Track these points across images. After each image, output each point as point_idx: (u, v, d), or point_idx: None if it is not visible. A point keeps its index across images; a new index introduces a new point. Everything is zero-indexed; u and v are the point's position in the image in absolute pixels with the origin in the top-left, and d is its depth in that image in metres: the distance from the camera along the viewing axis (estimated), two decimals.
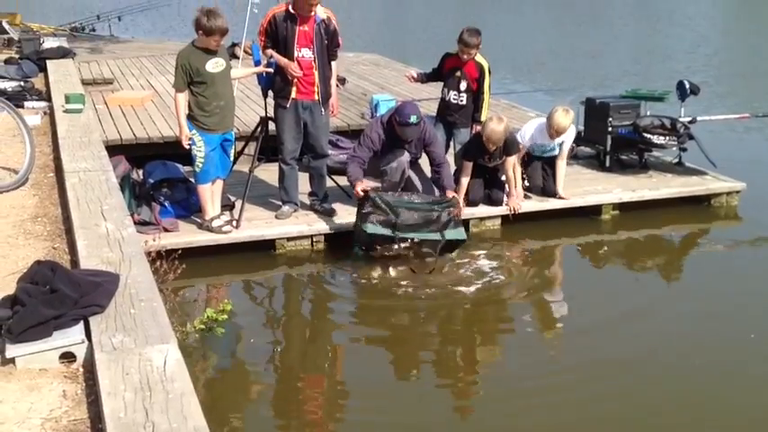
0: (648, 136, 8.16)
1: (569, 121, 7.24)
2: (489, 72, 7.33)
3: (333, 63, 6.86)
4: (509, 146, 7.06)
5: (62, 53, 12.83)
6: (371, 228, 6.31)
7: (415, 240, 6.62)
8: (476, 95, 7.34)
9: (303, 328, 5.79)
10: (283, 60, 6.59)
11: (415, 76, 7.78)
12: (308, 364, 5.33)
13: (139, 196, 6.88)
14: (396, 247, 6.60)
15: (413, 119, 6.63)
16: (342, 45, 6.96)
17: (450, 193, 6.70)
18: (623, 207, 7.75)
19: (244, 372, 5.15)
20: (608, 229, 7.54)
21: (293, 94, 6.66)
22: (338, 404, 4.92)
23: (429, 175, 7.06)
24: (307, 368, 5.29)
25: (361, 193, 6.40)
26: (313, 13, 6.51)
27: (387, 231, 6.34)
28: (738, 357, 5.27)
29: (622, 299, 6.19)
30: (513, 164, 7.20)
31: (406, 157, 6.85)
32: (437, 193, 6.89)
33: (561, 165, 7.53)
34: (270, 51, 6.66)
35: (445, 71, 7.43)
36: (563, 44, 22.57)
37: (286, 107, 6.71)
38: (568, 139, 7.48)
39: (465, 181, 7.10)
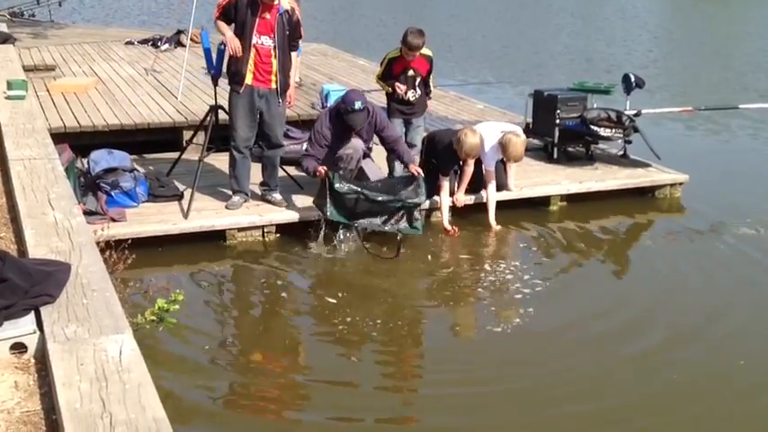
0: (595, 128, 8.29)
1: (523, 147, 7.22)
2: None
3: (293, 54, 6.82)
4: None
5: (2, 38, 12.52)
6: (331, 213, 6.42)
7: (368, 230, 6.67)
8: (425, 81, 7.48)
9: (256, 319, 5.76)
10: (228, 34, 6.50)
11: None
12: (262, 355, 5.30)
13: (85, 186, 6.75)
14: (349, 234, 6.66)
15: (357, 104, 6.62)
16: (303, 36, 6.92)
17: (413, 168, 6.78)
18: (571, 198, 7.88)
19: (198, 362, 5.10)
20: (556, 219, 7.66)
21: (248, 80, 6.60)
22: (295, 393, 4.92)
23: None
24: (261, 358, 5.26)
25: (323, 172, 6.45)
26: (276, 2, 6.46)
27: (345, 220, 6.49)
28: (678, 343, 5.45)
29: (570, 289, 6.30)
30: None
31: (360, 144, 6.85)
32: (399, 169, 7.08)
33: (512, 165, 7.58)
34: (220, 23, 6.56)
35: (396, 75, 7.32)
36: (510, 36, 22.77)
37: (239, 92, 6.64)
38: None
39: (447, 184, 7.11)
